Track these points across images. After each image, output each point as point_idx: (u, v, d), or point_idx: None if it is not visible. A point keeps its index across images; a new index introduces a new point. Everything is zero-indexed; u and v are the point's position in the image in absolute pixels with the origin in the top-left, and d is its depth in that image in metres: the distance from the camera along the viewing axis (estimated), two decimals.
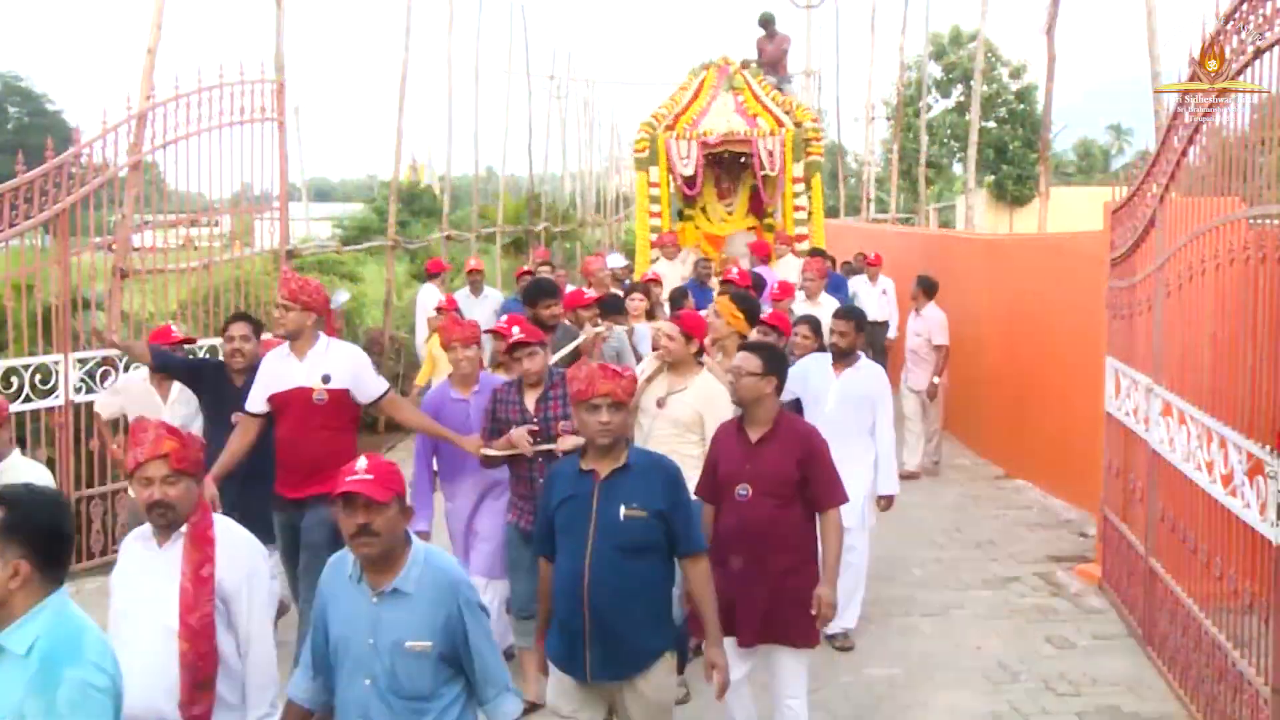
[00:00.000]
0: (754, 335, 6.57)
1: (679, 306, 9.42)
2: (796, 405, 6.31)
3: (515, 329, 5.63)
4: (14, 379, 7.38)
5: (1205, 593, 5.41)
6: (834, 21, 47.13)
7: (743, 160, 13.38)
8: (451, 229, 17.27)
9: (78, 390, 7.78)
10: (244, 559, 3.64)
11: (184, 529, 3.54)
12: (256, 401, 5.60)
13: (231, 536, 3.65)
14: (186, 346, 6.97)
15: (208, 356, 6.33)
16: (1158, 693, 5.86)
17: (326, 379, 5.49)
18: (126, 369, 7.78)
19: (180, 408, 6.44)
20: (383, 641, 3.30)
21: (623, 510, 3.98)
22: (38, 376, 7.50)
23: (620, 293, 9.02)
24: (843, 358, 6.44)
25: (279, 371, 5.56)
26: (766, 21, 15.35)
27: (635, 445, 4.24)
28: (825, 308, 8.80)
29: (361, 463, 3.31)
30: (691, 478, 4.71)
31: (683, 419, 5.63)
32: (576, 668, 4.05)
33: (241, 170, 9.35)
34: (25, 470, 4.45)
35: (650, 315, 8.78)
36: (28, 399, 7.43)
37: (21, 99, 45.19)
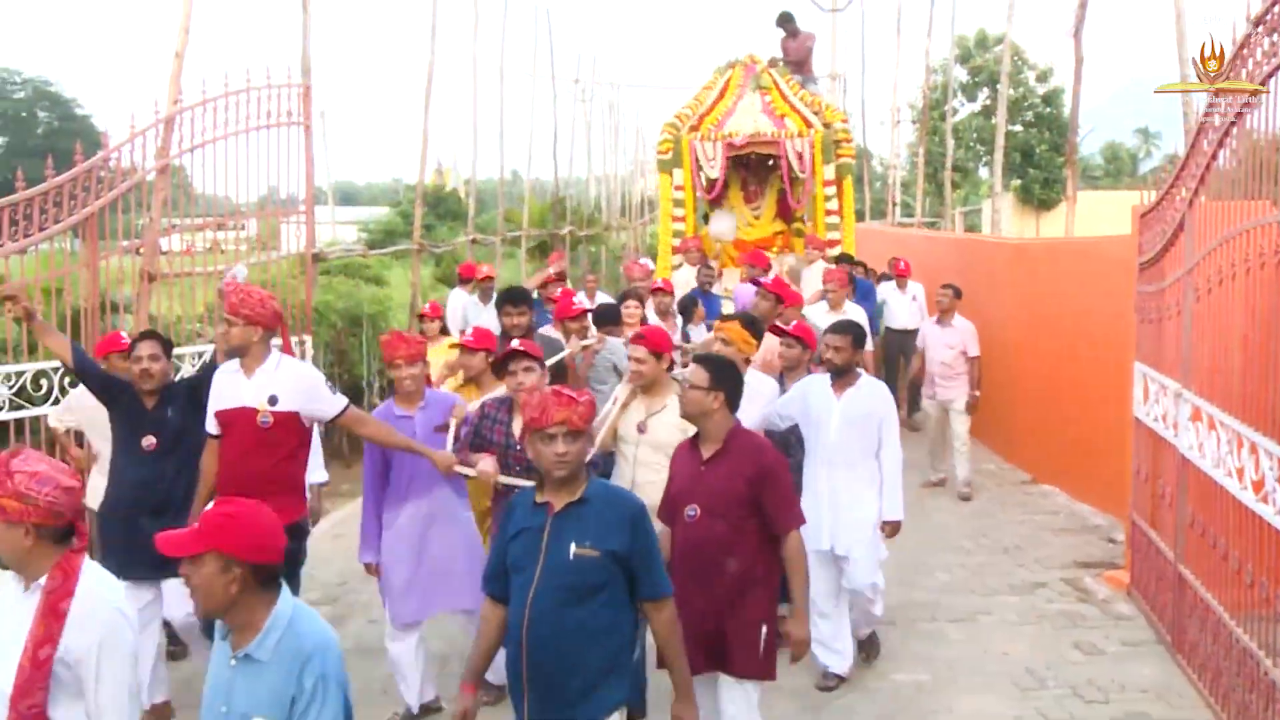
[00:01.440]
0: (779, 349, 6.48)
1: (689, 316, 9.40)
2: (796, 430, 6.10)
3: (515, 341, 5.40)
4: (43, 381, 7.43)
5: (1235, 600, 5.35)
6: (859, 25, 47.19)
7: (770, 162, 13.04)
8: (477, 232, 17.32)
9: None
10: (98, 625, 3.08)
11: (42, 582, 3.09)
12: (211, 422, 5.28)
13: (90, 599, 3.10)
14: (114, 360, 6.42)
15: (123, 376, 5.90)
16: (1188, 700, 5.80)
17: (273, 400, 5.14)
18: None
19: None
20: (233, 712, 2.94)
21: (573, 548, 3.63)
22: (66, 379, 7.55)
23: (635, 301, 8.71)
24: (841, 376, 5.99)
25: (227, 387, 5.25)
26: (786, 20, 14.92)
27: (598, 479, 3.91)
28: (852, 316, 8.69)
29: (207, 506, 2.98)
30: None
31: (666, 441, 5.18)
32: (519, 717, 3.70)
33: (268, 174, 9.45)
34: None
35: (644, 323, 8.59)
36: (56, 401, 7.48)
37: (51, 104, 45.65)
